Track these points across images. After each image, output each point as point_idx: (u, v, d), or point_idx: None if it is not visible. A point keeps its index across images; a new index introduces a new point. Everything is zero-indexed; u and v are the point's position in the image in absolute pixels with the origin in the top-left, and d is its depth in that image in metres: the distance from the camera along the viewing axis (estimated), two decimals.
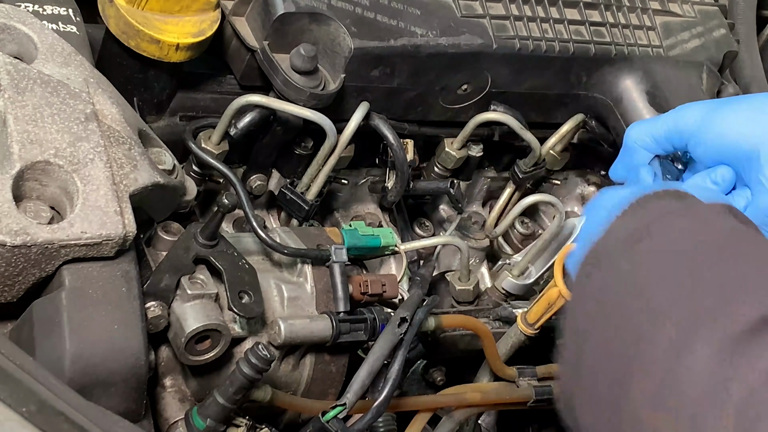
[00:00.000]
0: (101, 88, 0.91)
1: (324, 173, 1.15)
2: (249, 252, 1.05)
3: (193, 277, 0.94)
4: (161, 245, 0.98)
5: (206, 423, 0.90)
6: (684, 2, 1.37)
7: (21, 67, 0.87)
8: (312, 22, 1.07)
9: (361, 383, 0.98)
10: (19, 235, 0.77)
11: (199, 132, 1.11)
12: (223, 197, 0.91)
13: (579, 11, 1.26)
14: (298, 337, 0.99)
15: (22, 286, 0.81)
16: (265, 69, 1.08)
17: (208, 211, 1.18)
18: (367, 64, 1.10)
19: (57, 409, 0.64)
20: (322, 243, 1.07)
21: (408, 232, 1.30)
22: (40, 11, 1.00)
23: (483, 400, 1.14)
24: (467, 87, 1.21)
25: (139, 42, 1.01)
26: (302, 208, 1.16)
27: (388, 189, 1.23)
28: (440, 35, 1.14)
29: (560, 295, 1.07)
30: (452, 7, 1.16)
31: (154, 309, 0.90)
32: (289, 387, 1.04)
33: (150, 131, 0.98)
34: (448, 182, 1.26)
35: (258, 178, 1.18)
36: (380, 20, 1.10)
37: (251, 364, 0.87)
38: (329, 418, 0.96)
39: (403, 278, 1.20)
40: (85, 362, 0.78)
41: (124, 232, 0.82)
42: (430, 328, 1.09)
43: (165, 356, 0.97)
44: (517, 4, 1.21)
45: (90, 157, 0.84)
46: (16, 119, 0.82)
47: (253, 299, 0.96)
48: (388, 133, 1.15)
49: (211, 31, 1.05)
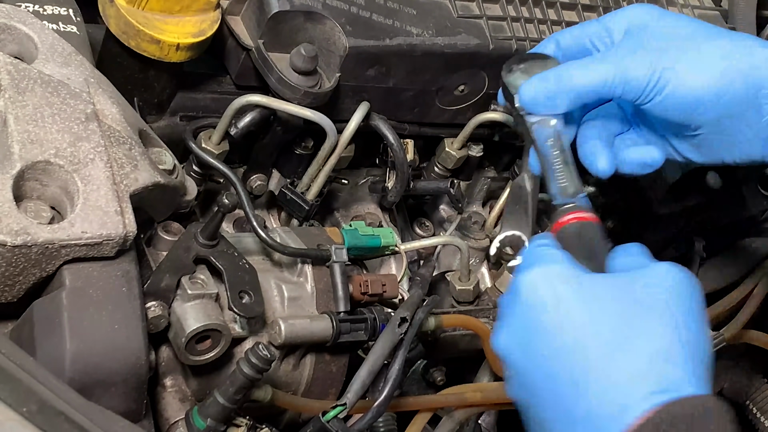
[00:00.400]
0: (101, 88, 0.91)
1: (324, 173, 1.15)
2: (249, 252, 1.05)
3: (193, 277, 0.94)
4: (162, 245, 0.98)
5: (207, 423, 0.90)
6: (684, 6, 1.37)
7: (21, 67, 0.87)
8: (307, 21, 1.07)
9: (361, 383, 0.98)
10: (19, 235, 0.77)
11: (200, 132, 1.11)
12: (223, 197, 0.91)
13: (577, 13, 1.26)
14: (299, 337, 0.99)
15: (23, 286, 0.81)
16: (259, 67, 1.08)
17: (208, 211, 1.18)
18: (362, 63, 1.10)
19: (57, 409, 0.64)
20: (323, 243, 1.07)
21: (408, 232, 1.30)
22: (41, 11, 1.00)
23: (483, 400, 1.15)
24: (464, 88, 1.21)
25: (140, 42, 1.01)
26: (302, 208, 1.16)
27: (388, 189, 1.23)
28: (436, 35, 1.14)
29: None
30: (449, 8, 1.16)
31: (154, 309, 0.90)
32: (290, 387, 1.04)
33: (150, 131, 0.98)
34: (448, 182, 1.26)
35: (258, 178, 1.18)
36: (375, 19, 1.10)
37: (252, 364, 0.87)
38: (329, 417, 0.96)
39: (403, 278, 1.20)
40: (86, 362, 0.78)
41: (124, 232, 0.82)
42: (431, 328, 1.09)
43: (165, 356, 0.97)
44: (514, 6, 1.21)
45: (90, 157, 0.84)
46: (16, 119, 0.82)
47: (254, 299, 0.96)
48: (388, 133, 1.15)
49: (211, 31, 1.05)
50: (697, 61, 0.88)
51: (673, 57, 0.88)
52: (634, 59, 0.89)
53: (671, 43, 0.90)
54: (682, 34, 0.91)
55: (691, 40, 0.90)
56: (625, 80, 0.88)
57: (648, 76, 0.88)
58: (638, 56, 0.89)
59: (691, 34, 0.91)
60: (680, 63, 0.88)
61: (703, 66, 0.88)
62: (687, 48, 0.89)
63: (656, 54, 0.89)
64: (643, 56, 0.89)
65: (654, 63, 0.88)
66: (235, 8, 1.10)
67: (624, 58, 0.89)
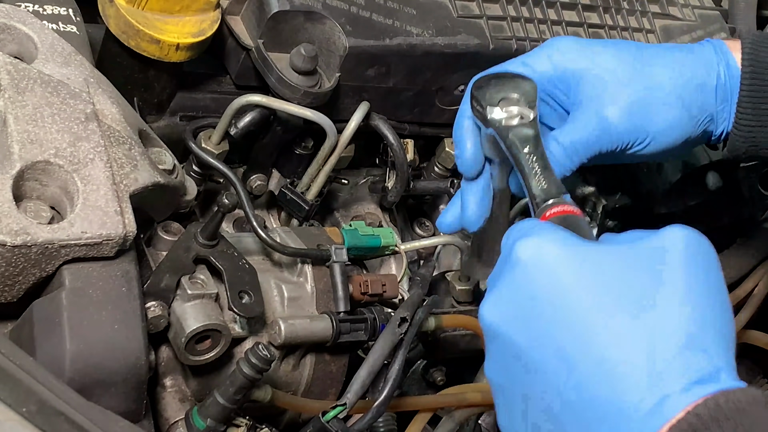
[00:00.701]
0: (101, 87, 0.91)
1: (324, 173, 1.15)
2: (249, 252, 1.05)
3: (193, 277, 0.94)
4: (161, 245, 0.98)
5: (206, 423, 0.90)
6: (684, 6, 1.37)
7: (21, 67, 0.87)
8: (307, 21, 1.08)
9: (361, 383, 0.98)
10: (19, 235, 0.77)
11: (199, 132, 1.11)
12: (223, 197, 0.91)
13: (577, 13, 1.26)
14: (299, 337, 0.99)
15: (23, 286, 0.81)
16: (259, 67, 1.08)
17: (208, 211, 1.18)
18: (362, 63, 1.10)
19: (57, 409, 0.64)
20: (323, 243, 1.07)
21: (408, 232, 1.30)
22: (40, 11, 1.00)
23: (483, 400, 1.15)
24: (464, 88, 1.20)
25: (139, 42, 1.01)
26: (302, 208, 1.16)
27: (388, 189, 1.23)
28: (436, 35, 1.14)
29: None
30: (449, 8, 1.16)
31: (154, 309, 0.90)
32: (290, 387, 1.04)
33: (150, 131, 0.98)
34: (448, 182, 1.26)
35: (258, 178, 1.18)
36: (375, 19, 1.10)
37: (251, 364, 0.87)
38: (329, 417, 0.96)
39: (403, 278, 1.20)
40: (85, 362, 0.78)
41: (124, 232, 0.82)
42: (431, 328, 1.09)
43: (165, 356, 0.97)
44: (514, 5, 1.21)
45: (90, 157, 0.84)
46: (16, 119, 0.82)
47: (254, 299, 0.96)
48: (389, 133, 1.15)
49: (211, 31, 1.05)
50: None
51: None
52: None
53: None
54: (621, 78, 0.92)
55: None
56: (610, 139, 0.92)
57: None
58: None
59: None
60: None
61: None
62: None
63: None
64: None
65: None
66: (235, 8, 1.10)
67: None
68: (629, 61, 0.92)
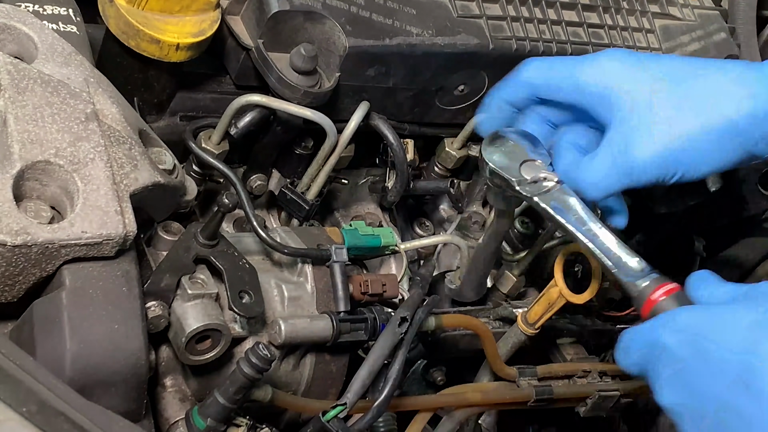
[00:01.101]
0: (101, 87, 0.91)
1: (324, 173, 1.15)
2: (249, 252, 1.05)
3: (193, 276, 0.94)
4: (161, 245, 0.98)
5: (207, 423, 0.90)
6: (684, 6, 1.37)
7: (21, 66, 0.87)
8: (306, 21, 1.08)
9: (361, 383, 0.98)
10: (19, 234, 0.77)
11: (200, 132, 1.11)
12: (223, 197, 0.91)
13: (577, 13, 1.26)
14: (299, 336, 0.99)
15: (23, 286, 0.81)
16: (259, 67, 1.08)
17: (208, 211, 1.18)
18: (362, 63, 1.10)
19: (57, 409, 0.64)
20: (323, 243, 1.07)
21: (408, 231, 1.30)
22: (40, 11, 1.00)
23: (483, 400, 1.15)
24: (464, 88, 1.21)
25: (139, 42, 1.01)
26: (302, 208, 1.16)
27: (388, 189, 1.23)
28: (436, 35, 1.14)
29: (560, 295, 1.07)
30: (448, 7, 1.16)
31: (154, 309, 0.90)
32: (290, 387, 1.04)
33: (150, 131, 0.98)
34: (448, 182, 1.26)
35: (258, 177, 1.18)
36: (375, 19, 1.10)
37: (252, 363, 0.87)
38: (330, 417, 0.96)
39: (403, 278, 1.20)
40: (86, 362, 0.78)
41: (124, 231, 0.82)
42: (431, 328, 1.09)
43: (165, 356, 0.97)
44: (514, 5, 1.21)
45: (90, 157, 0.84)
46: (16, 119, 0.82)
47: (254, 299, 0.96)
48: (388, 132, 1.15)
49: (211, 31, 1.05)
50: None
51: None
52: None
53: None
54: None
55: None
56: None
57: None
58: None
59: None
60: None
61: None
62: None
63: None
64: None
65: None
66: (234, 8, 1.10)
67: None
68: (679, 92, 0.86)
